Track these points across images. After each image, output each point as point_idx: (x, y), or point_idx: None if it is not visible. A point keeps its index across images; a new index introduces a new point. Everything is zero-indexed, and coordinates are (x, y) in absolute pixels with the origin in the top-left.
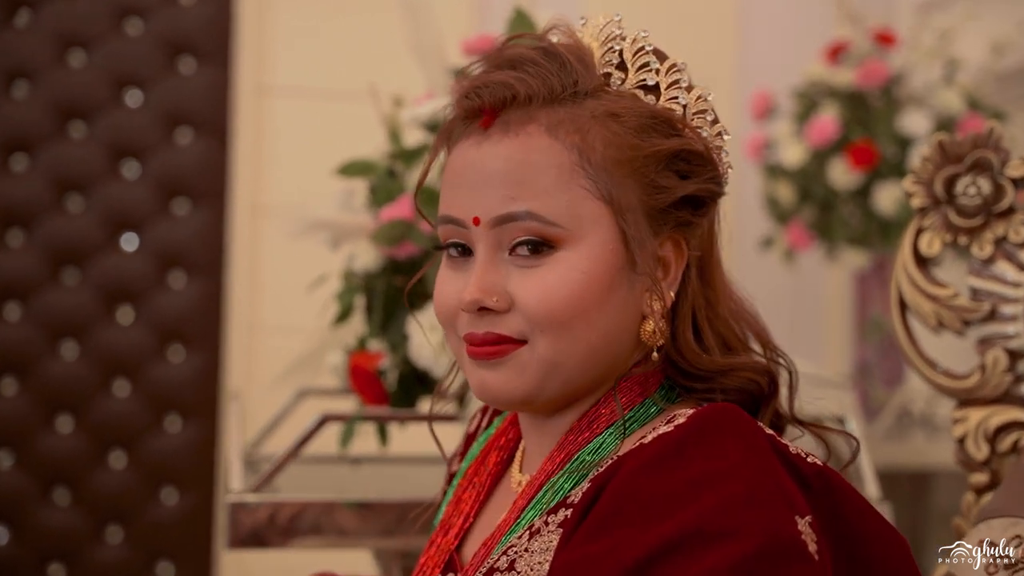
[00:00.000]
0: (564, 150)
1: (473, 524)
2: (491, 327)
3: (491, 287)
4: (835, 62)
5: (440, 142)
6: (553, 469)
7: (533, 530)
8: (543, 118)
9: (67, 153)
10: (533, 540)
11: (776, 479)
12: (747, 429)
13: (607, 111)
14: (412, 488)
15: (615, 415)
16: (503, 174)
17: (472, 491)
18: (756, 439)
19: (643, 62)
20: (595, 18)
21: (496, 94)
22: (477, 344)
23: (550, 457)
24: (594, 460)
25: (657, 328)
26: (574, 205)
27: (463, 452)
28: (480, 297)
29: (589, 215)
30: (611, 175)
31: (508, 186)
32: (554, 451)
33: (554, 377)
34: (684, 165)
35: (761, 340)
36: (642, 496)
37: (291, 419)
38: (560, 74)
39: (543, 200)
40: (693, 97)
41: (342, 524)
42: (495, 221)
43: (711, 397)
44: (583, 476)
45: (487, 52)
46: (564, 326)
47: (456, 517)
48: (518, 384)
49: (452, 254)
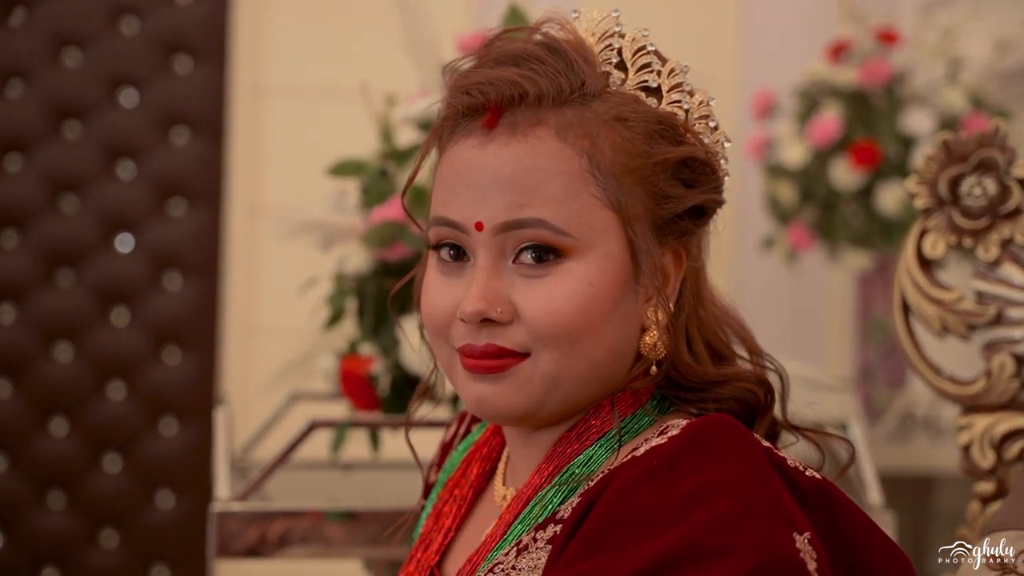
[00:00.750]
0: (574, 155)
1: (455, 539)
2: (492, 339)
3: (495, 297)
4: (837, 61)
5: (432, 139)
6: (541, 483)
7: (521, 547)
8: (552, 120)
9: (62, 153)
10: (521, 557)
11: (773, 494)
12: (743, 441)
13: (615, 115)
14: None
15: (605, 426)
16: (511, 178)
17: (453, 504)
18: (752, 451)
19: (644, 62)
20: (590, 11)
21: (503, 92)
22: (476, 357)
23: (538, 470)
24: (584, 473)
25: (660, 341)
26: (584, 213)
27: (440, 462)
28: (484, 308)
29: (598, 224)
30: (620, 183)
31: (516, 192)
32: (542, 464)
33: (555, 393)
34: (689, 173)
35: (748, 347)
36: (634, 512)
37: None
38: (568, 73)
39: (553, 208)
40: (696, 102)
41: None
42: (501, 227)
43: (704, 407)
44: (573, 490)
45: (480, 45)
46: (570, 340)
47: (436, 532)
48: (518, 400)
49: (445, 257)
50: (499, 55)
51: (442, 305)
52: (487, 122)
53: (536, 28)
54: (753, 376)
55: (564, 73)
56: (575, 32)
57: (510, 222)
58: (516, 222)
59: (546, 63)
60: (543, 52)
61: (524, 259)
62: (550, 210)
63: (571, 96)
